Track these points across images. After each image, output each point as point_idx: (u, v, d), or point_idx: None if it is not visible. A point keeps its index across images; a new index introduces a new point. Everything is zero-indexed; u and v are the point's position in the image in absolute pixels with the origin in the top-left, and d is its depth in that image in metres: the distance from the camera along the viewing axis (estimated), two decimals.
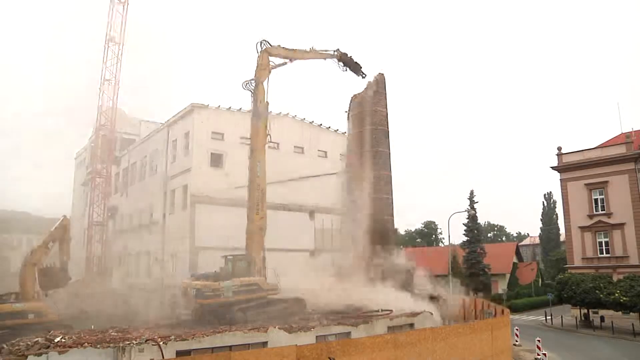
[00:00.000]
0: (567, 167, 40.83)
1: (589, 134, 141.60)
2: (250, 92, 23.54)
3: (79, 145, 53.67)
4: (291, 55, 25.22)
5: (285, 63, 25.25)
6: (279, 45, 24.65)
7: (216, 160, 32.13)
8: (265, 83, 23.66)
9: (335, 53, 28.34)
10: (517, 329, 28.07)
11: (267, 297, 21.68)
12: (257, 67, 23.55)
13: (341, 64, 28.91)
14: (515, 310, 39.78)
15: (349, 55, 28.90)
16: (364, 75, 30.47)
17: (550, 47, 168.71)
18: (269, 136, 23.44)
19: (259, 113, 23.05)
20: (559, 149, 41.72)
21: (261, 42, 23.81)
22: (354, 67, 29.59)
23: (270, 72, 24.06)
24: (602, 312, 33.83)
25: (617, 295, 31.31)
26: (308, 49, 26.58)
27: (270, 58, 24.21)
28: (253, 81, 23.46)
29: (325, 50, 27.84)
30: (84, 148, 56.19)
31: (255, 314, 20.41)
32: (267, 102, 23.57)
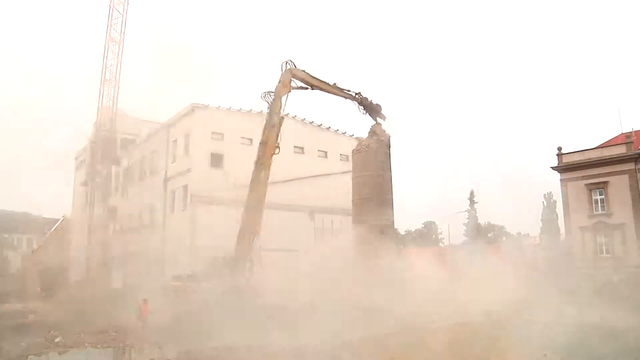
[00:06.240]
0: (567, 167, 40.69)
1: (589, 134, 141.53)
2: (267, 103, 23.96)
3: (79, 145, 53.66)
4: (313, 82, 25.22)
5: (306, 88, 25.31)
6: (304, 71, 24.75)
7: (216, 160, 32.14)
8: (283, 99, 24.00)
9: (357, 96, 28.01)
10: None
11: (248, 300, 20.91)
12: (278, 82, 23.85)
13: (361, 107, 28.55)
14: None
15: (369, 100, 28.55)
16: (384, 118, 29.78)
17: (550, 46, 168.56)
18: (278, 148, 23.58)
19: (273, 124, 23.36)
20: (559, 149, 41.58)
21: (287, 62, 24.20)
22: (374, 111, 29.07)
23: (290, 90, 24.29)
24: None
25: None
26: (331, 83, 26.45)
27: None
28: (272, 93, 23.79)
29: (348, 90, 27.59)
30: (84, 148, 56.13)
31: (231, 316, 19.89)
32: (282, 116, 23.88)
